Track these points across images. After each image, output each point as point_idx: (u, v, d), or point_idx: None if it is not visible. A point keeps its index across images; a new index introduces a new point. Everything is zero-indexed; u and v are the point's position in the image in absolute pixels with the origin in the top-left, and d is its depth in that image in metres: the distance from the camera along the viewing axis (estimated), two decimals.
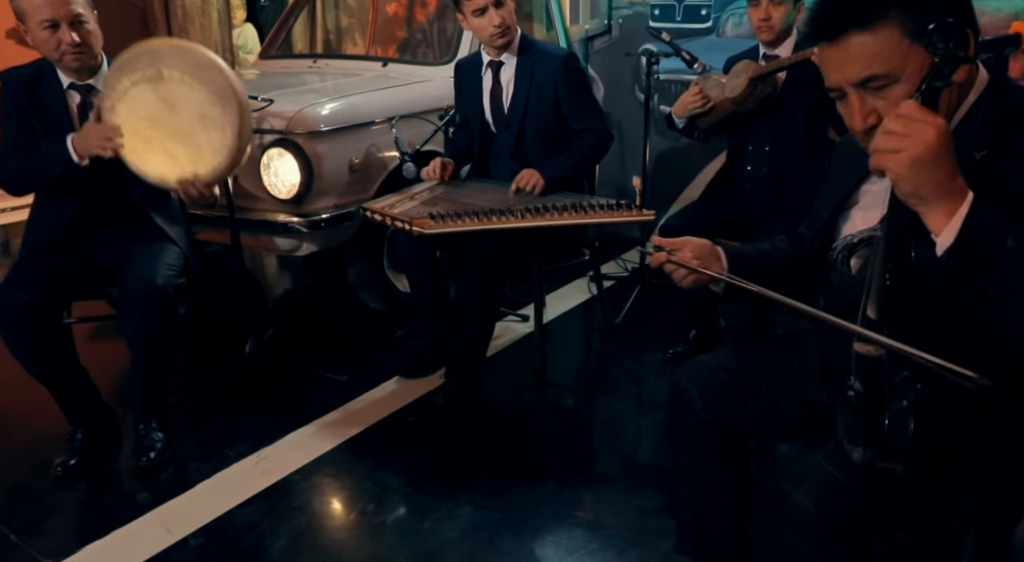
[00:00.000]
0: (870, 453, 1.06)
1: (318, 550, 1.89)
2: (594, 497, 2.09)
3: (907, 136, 0.96)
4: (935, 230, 1.00)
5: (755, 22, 2.45)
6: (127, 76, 2.12)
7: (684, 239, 1.41)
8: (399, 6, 4.45)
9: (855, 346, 1.07)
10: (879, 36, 1.04)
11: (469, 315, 2.44)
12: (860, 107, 1.09)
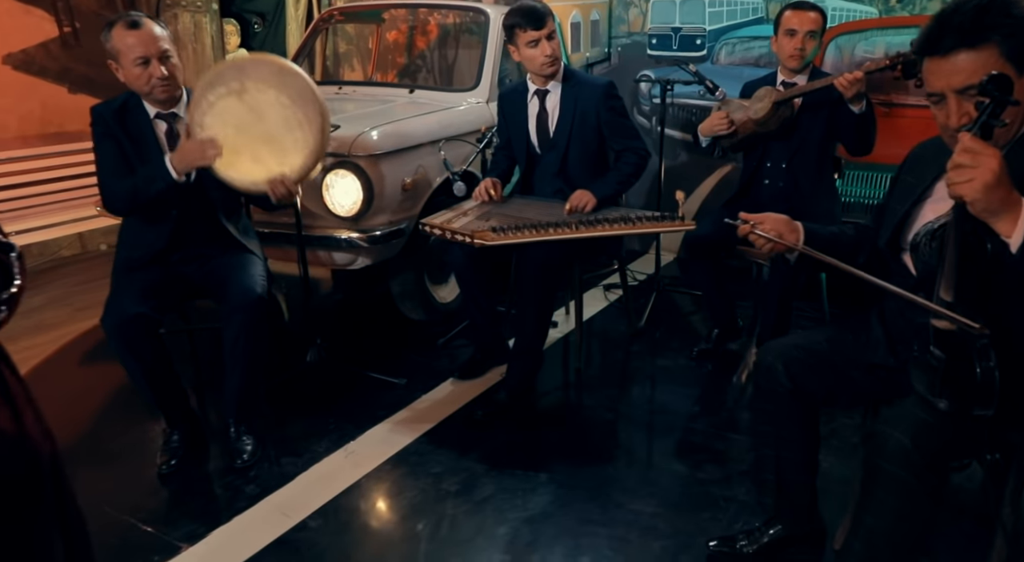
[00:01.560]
0: (959, 404, 1.36)
1: (430, 526, 2.11)
2: (658, 473, 2.37)
3: (975, 167, 1.28)
4: (1006, 234, 1.31)
5: (789, 50, 2.77)
6: (213, 91, 2.31)
7: (765, 215, 1.72)
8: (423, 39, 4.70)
9: (934, 322, 1.38)
10: (982, 55, 1.35)
11: (527, 319, 2.70)
12: (957, 109, 1.41)
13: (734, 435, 2.57)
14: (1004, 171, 1.26)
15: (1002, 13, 1.35)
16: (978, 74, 1.35)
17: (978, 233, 1.36)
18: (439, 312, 3.42)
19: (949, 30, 1.38)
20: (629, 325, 3.40)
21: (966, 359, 1.34)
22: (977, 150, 1.27)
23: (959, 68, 1.38)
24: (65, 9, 5.21)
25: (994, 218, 1.29)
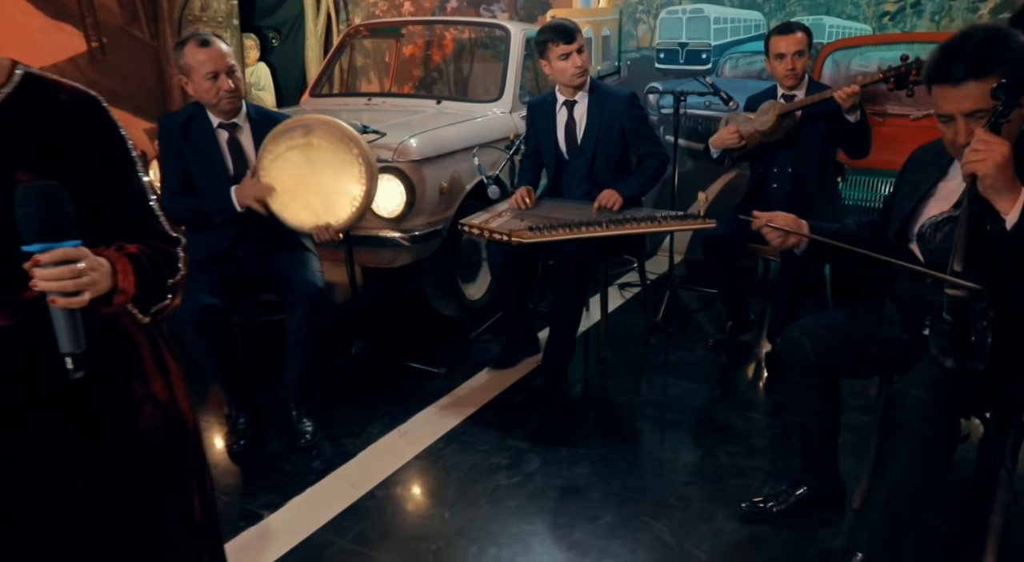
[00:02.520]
0: (960, 361, 1.62)
1: (486, 494, 2.33)
2: (687, 448, 2.60)
3: (989, 151, 1.53)
4: (1004, 211, 1.57)
5: (782, 71, 3.05)
6: (284, 142, 2.59)
7: (775, 213, 1.97)
8: (441, 53, 4.93)
9: (947, 290, 1.62)
10: (988, 84, 1.60)
11: (561, 312, 2.93)
12: (965, 129, 1.66)
13: (753, 414, 2.81)
14: (1010, 158, 1.53)
15: (1003, 47, 1.60)
16: (984, 100, 1.60)
17: (981, 215, 1.61)
18: (469, 309, 3.64)
19: (958, 61, 1.62)
20: (647, 320, 3.64)
21: (969, 323, 1.59)
22: (991, 139, 1.53)
23: (967, 95, 1.63)
24: (93, 25, 5.40)
25: (997, 196, 1.55)
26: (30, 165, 1.13)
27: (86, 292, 1.06)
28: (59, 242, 1.04)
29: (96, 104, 1.22)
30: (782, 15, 4.08)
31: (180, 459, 1.35)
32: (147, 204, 1.28)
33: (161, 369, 1.33)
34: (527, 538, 2.13)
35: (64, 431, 1.20)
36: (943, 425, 1.67)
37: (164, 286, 1.23)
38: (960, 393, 1.68)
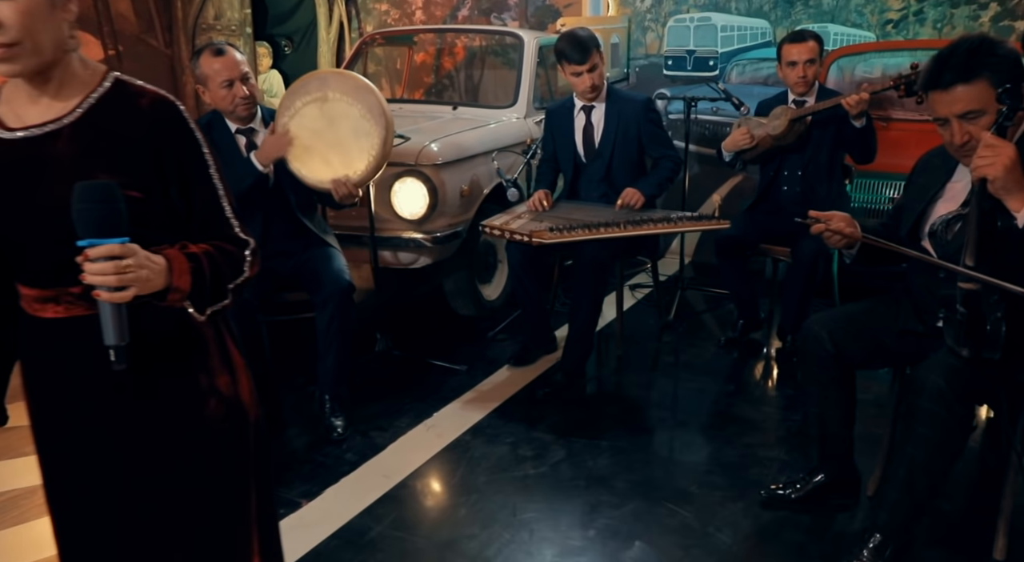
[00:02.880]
0: (975, 350, 1.72)
1: (515, 483, 2.42)
2: (706, 439, 2.69)
3: (997, 154, 1.64)
4: (1015, 209, 1.68)
5: (794, 78, 3.15)
6: (300, 98, 2.67)
7: (832, 213, 2.01)
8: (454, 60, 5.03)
9: (960, 284, 1.72)
10: (976, 87, 1.71)
11: (581, 309, 3.02)
12: (958, 130, 1.77)
13: (767, 408, 2.91)
14: (1018, 159, 1.63)
15: (989, 53, 1.72)
16: (974, 103, 1.72)
17: (992, 212, 1.72)
18: (486, 309, 3.74)
19: (948, 69, 1.74)
20: (659, 319, 3.74)
21: (982, 314, 1.69)
22: (997, 144, 1.63)
23: (958, 98, 1.74)
24: (110, 33, 5.50)
25: (1008, 195, 1.65)
26: (112, 167, 1.20)
27: (131, 288, 1.10)
28: (108, 238, 1.09)
29: (175, 109, 1.27)
30: (788, 23, 4.20)
31: (240, 452, 1.39)
32: (219, 207, 1.33)
33: (227, 364, 1.38)
34: (557, 523, 2.22)
35: (132, 419, 1.28)
36: (959, 410, 1.78)
37: (223, 287, 1.28)
38: (975, 380, 1.78)
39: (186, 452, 1.33)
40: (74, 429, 1.30)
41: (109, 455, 1.29)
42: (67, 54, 1.19)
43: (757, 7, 4.29)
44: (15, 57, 1.11)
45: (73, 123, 1.20)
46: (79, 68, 1.22)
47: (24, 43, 1.11)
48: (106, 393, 1.26)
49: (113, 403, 1.27)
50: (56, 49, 1.16)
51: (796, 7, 4.19)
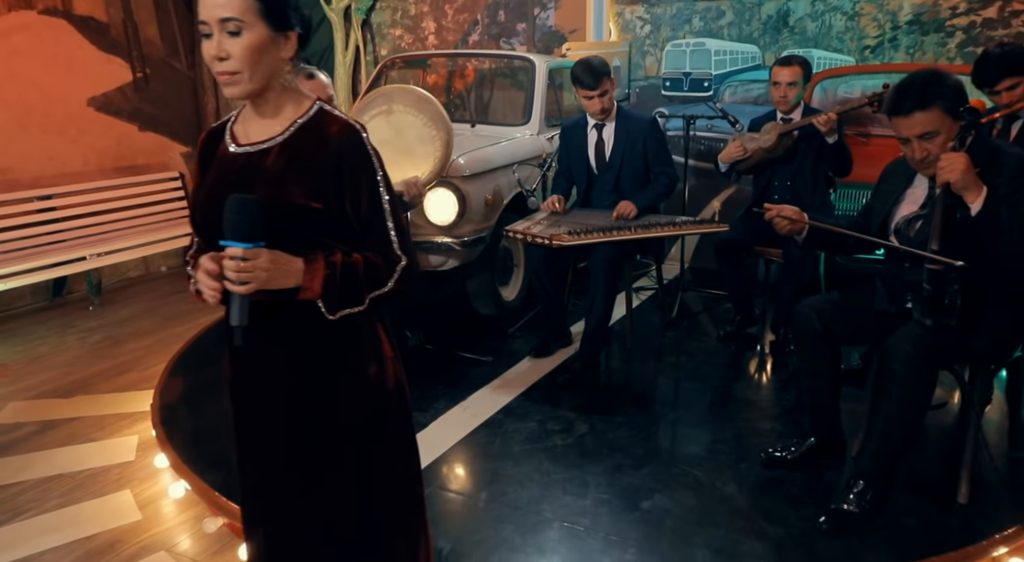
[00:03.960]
0: (936, 320, 2.09)
1: (547, 451, 2.77)
2: (710, 416, 3.06)
3: (953, 163, 2.03)
4: (971, 202, 2.06)
5: (776, 97, 3.55)
6: (367, 113, 3.05)
7: (783, 206, 2.42)
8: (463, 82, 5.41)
9: (927, 266, 2.10)
10: (931, 113, 2.10)
11: (596, 304, 3.39)
12: (918, 148, 2.15)
13: (763, 390, 3.28)
14: (971, 164, 2.02)
15: (940, 85, 2.12)
16: (930, 125, 2.11)
17: (953, 207, 2.10)
18: (504, 308, 4.10)
19: (907, 98, 2.13)
20: (663, 317, 4.11)
21: (943, 290, 2.07)
22: (952, 155, 2.02)
23: (916, 122, 2.14)
24: (138, 57, 5.85)
25: (966, 192, 2.04)
26: (303, 181, 1.41)
27: (251, 284, 1.31)
28: (243, 243, 1.30)
29: (358, 137, 1.46)
30: (775, 48, 4.62)
31: (383, 431, 1.59)
32: (383, 224, 1.48)
33: (376, 354, 1.57)
34: (586, 481, 2.57)
35: (298, 393, 1.53)
36: (925, 372, 2.15)
37: (358, 295, 1.44)
38: (938, 347, 2.15)
39: (339, 426, 1.54)
40: (256, 397, 1.58)
41: (281, 419, 1.55)
42: (280, 84, 1.47)
43: (747, 33, 4.71)
44: (235, 82, 1.40)
45: (281, 142, 1.46)
46: (292, 97, 1.49)
47: (243, 73, 1.39)
48: (280, 369, 1.52)
49: (284, 378, 1.52)
50: (270, 79, 1.43)
51: (783, 34, 4.61)
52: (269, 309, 1.44)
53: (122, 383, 3.89)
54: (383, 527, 1.64)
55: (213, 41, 1.38)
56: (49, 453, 3.19)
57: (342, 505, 1.59)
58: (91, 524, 2.70)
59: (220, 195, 1.38)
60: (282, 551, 1.66)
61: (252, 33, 1.37)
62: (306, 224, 1.43)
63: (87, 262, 5.04)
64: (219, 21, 1.36)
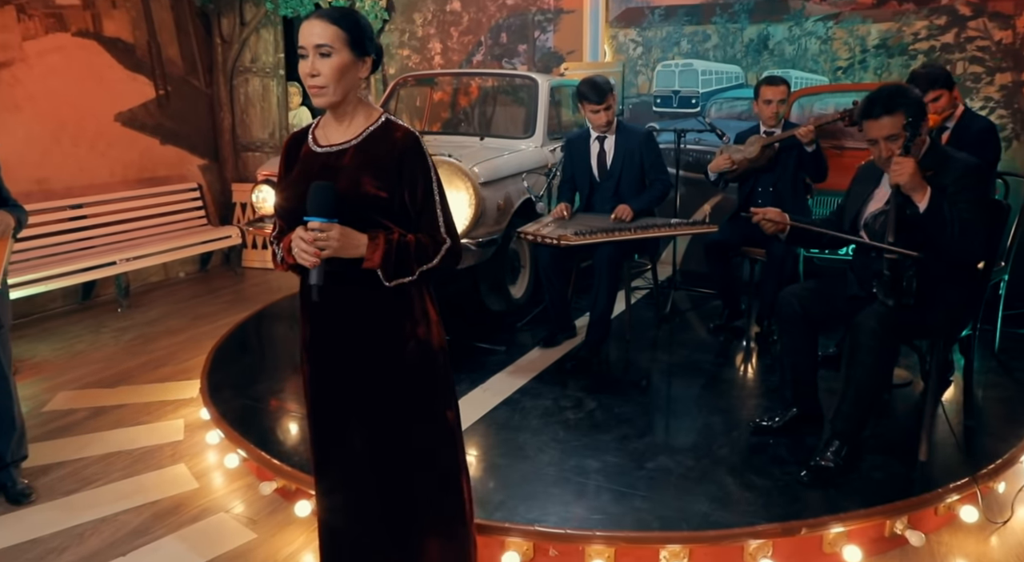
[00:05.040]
0: (896, 299, 2.49)
1: (560, 424, 3.13)
2: (705, 394, 3.43)
3: (903, 167, 2.44)
4: (918, 201, 2.47)
5: (768, 113, 3.96)
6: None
7: (767, 208, 2.81)
8: (467, 99, 5.80)
9: (887, 256, 2.50)
10: (895, 117, 2.51)
11: (600, 298, 3.76)
12: (884, 148, 2.56)
13: (750, 372, 3.66)
14: (918, 169, 2.42)
15: (903, 96, 2.53)
16: (894, 128, 2.52)
17: (904, 205, 2.50)
18: (512, 305, 4.47)
19: (877, 105, 2.55)
20: (657, 312, 4.49)
21: (900, 274, 2.47)
22: (902, 160, 2.43)
23: (884, 125, 2.54)
24: (161, 75, 6.21)
25: (913, 192, 2.44)
26: (373, 175, 1.77)
27: (325, 251, 1.71)
28: (322, 218, 1.68)
29: (415, 141, 1.80)
30: (757, 69, 5.05)
31: (430, 380, 1.94)
32: (433, 211, 1.83)
33: (424, 318, 1.90)
34: (597, 447, 2.93)
35: (362, 347, 1.89)
36: (888, 344, 2.55)
37: (410, 268, 1.78)
38: (899, 323, 2.55)
39: (394, 376, 1.89)
40: (327, 353, 1.94)
41: (348, 371, 1.91)
42: (356, 97, 1.85)
43: (731, 55, 5.15)
44: (322, 94, 1.78)
45: (355, 145, 1.83)
46: (364, 108, 1.87)
47: (329, 87, 1.77)
48: (348, 328, 1.89)
49: (351, 336, 1.89)
50: (348, 93, 1.81)
51: (763, 56, 5.05)
52: (341, 279, 1.80)
53: (160, 375, 4.22)
54: (430, 458, 1.99)
55: (308, 61, 1.76)
56: (104, 434, 3.52)
57: (398, 440, 1.94)
58: (154, 491, 3.03)
59: (303, 184, 1.77)
60: (347, 494, 2.02)
61: (339, 57, 1.75)
62: (373, 209, 1.80)
63: (117, 266, 5.37)
64: (314, 46, 1.75)
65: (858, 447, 2.76)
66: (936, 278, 2.57)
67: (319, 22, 1.75)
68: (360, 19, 1.82)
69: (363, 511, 2.01)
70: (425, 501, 2.00)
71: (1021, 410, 3.23)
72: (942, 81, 3.36)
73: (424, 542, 2.03)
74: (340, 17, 1.77)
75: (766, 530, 2.41)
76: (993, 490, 2.85)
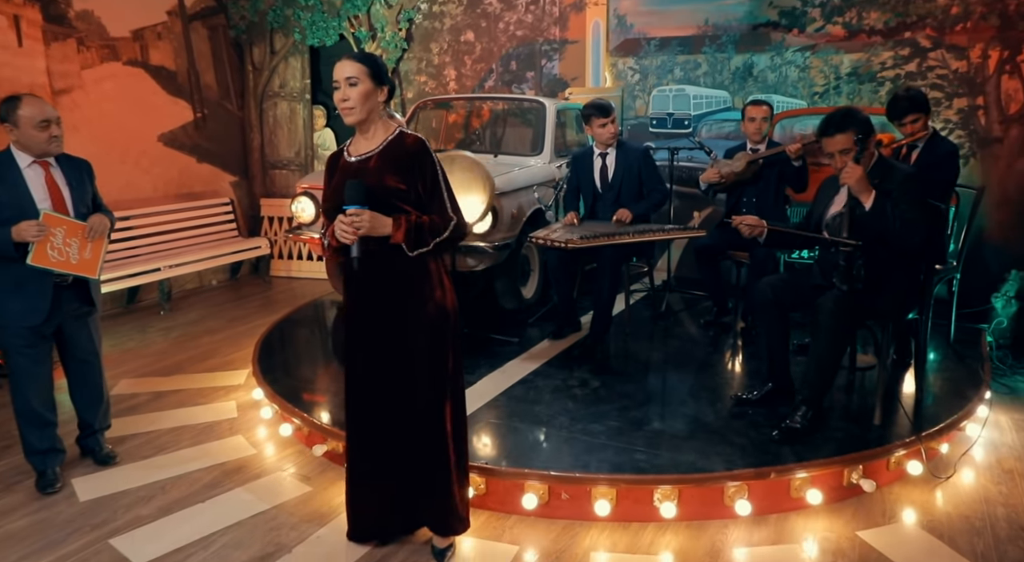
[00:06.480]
0: (849, 285, 3.01)
1: (570, 399, 3.63)
2: (695, 376, 3.93)
3: (852, 173, 2.97)
4: (864, 202, 3.00)
5: (752, 131, 4.48)
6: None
7: (745, 216, 3.33)
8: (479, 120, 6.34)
9: (842, 248, 3.03)
10: (847, 134, 3.04)
11: (603, 294, 4.27)
12: (839, 160, 3.09)
13: (735, 359, 4.17)
14: (864, 175, 2.96)
15: (853, 116, 3.07)
16: (846, 144, 3.04)
17: (855, 206, 3.03)
18: (523, 304, 4.98)
19: (831, 124, 3.08)
20: (653, 311, 5.00)
21: (852, 264, 2.99)
22: (852, 167, 2.96)
23: (837, 141, 3.08)
24: (199, 100, 6.77)
25: (860, 194, 2.98)
26: (394, 173, 2.34)
27: (361, 230, 2.27)
28: (355, 206, 2.26)
29: (423, 145, 2.38)
30: (742, 93, 5.61)
31: (443, 334, 2.52)
32: (441, 197, 2.40)
33: (440, 284, 2.49)
34: (601, 415, 3.43)
35: (391, 309, 2.46)
36: (844, 322, 3.07)
37: (426, 241, 2.36)
38: (852, 304, 3.06)
39: (417, 330, 2.48)
40: (365, 313, 2.50)
41: (381, 326, 2.48)
42: (378, 117, 2.42)
43: (719, 81, 5.71)
44: (351, 113, 2.36)
45: (378, 152, 2.42)
46: (384, 125, 2.45)
47: (356, 108, 2.36)
48: (380, 292, 2.45)
49: (383, 298, 2.46)
50: (371, 113, 2.39)
51: (748, 82, 5.61)
52: (374, 255, 2.37)
53: (208, 366, 4.73)
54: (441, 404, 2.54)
55: (341, 90, 2.37)
56: (167, 413, 4.03)
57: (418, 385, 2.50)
58: (220, 455, 3.53)
59: (342, 185, 2.37)
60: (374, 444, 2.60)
61: (363, 85, 2.37)
62: (395, 198, 2.38)
63: (161, 273, 5.90)
64: (345, 78, 2.36)
65: (822, 413, 3.27)
66: (883, 267, 3.08)
67: (348, 61, 2.38)
68: (378, 60, 2.44)
69: (388, 464, 2.59)
70: (441, 447, 2.54)
71: (966, 388, 3.74)
72: (922, 106, 3.83)
73: (443, 488, 2.57)
74: (363, 57, 2.39)
75: (742, 474, 2.90)
76: (939, 452, 3.35)
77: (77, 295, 3.17)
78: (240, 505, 3.07)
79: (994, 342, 4.61)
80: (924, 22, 5.04)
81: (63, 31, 5.54)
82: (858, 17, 5.22)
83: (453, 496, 2.59)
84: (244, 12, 7.03)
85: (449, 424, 2.56)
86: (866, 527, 2.87)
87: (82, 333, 3.25)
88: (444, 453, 2.56)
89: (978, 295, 4.74)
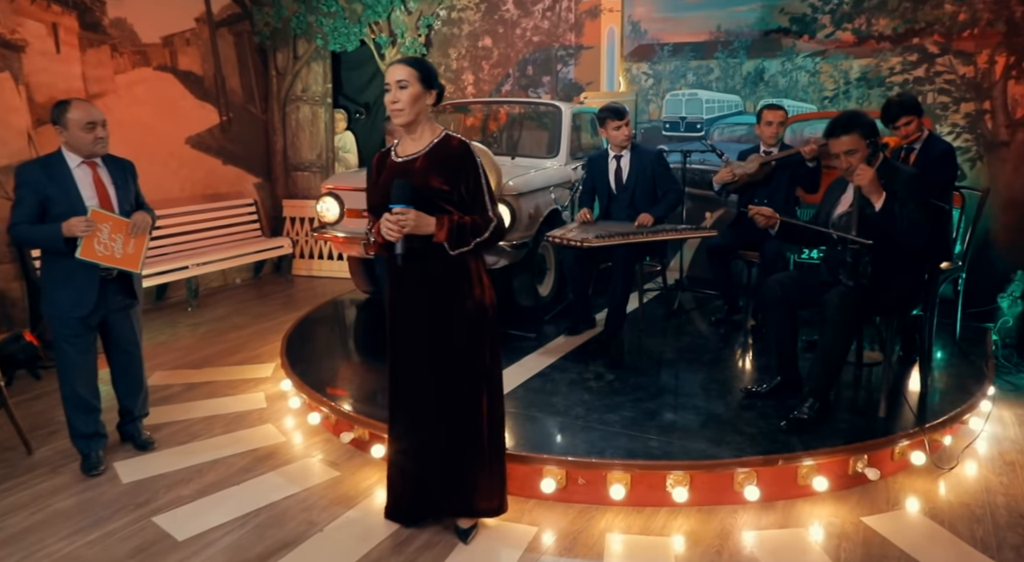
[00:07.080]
0: (856, 280, 3.15)
1: (585, 391, 3.78)
2: (706, 369, 4.07)
3: (863, 174, 3.11)
4: (874, 202, 3.14)
5: (768, 134, 4.62)
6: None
7: (761, 207, 3.46)
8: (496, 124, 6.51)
9: (850, 246, 3.17)
10: (852, 136, 3.18)
11: (617, 292, 4.42)
12: (844, 160, 3.23)
13: (745, 356, 4.31)
14: (875, 175, 3.10)
15: (859, 118, 3.21)
16: (852, 145, 3.18)
17: (864, 205, 3.17)
18: (539, 301, 5.14)
19: (838, 126, 3.22)
20: (666, 309, 5.15)
21: (859, 261, 3.13)
22: (863, 168, 3.10)
23: (843, 142, 3.21)
24: (224, 104, 6.98)
25: (871, 195, 3.12)
26: (438, 175, 2.48)
27: (405, 228, 2.40)
28: (401, 205, 2.38)
29: (467, 148, 2.51)
30: (754, 98, 5.75)
31: (481, 330, 2.64)
32: (482, 199, 2.51)
33: (479, 282, 2.61)
34: (615, 405, 3.58)
35: (434, 304, 2.60)
36: (849, 317, 3.21)
37: (466, 240, 2.47)
38: (858, 299, 3.20)
39: (457, 325, 2.62)
40: (407, 309, 2.65)
41: (423, 322, 2.62)
42: (425, 119, 2.56)
43: (731, 86, 5.85)
44: (400, 115, 2.49)
45: (424, 154, 2.55)
46: (431, 127, 2.59)
47: (405, 109, 2.49)
48: (423, 290, 2.59)
49: (425, 295, 2.59)
50: (419, 116, 2.52)
51: (759, 87, 5.75)
52: (417, 254, 2.50)
53: (236, 359, 4.92)
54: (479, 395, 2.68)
55: (392, 93, 2.49)
56: (200, 403, 4.21)
57: (458, 378, 2.64)
58: (252, 442, 3.70)
59: (389, 184, 2.49)
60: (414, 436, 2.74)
61: (413, 88, 2.49)
62: (439, 198, 2.50)
63: (188, 270, 6.09)
64: (396, 81, 2.48)
65: (829, 405, 3.40)
66: (888, 265, 3.22)
67: (400, 65, 2.50)
68: (428, 64, 2.56)
69: (426, 450, 2.73)
70: (476, 436, 2.68)
71: (970, 383, 3.86)
72: (913, 109, 4.00)
73: (473, 474, 2.71)
74: (414, 62, 2.52)
75: (751, 461, 3.05)
76: (942, 444, 3.48)
77: (121, 288, 3.35)
78: (273, 488, 3.24)
79: (999, 341, 4.72)
80: (932, 28, 5.17)
81: (98, 38, 5.75)
82: (867, 23, 5.36)
83: (480, 480, 2.73)
84: (268, 19, 7.23)
85: (485, 414, 2.69)
86: (870, 513, 3.00)
87: (125, 325, 3.43)
88: (478, 441, 2.69)
89: (984, 295, 4.86)
